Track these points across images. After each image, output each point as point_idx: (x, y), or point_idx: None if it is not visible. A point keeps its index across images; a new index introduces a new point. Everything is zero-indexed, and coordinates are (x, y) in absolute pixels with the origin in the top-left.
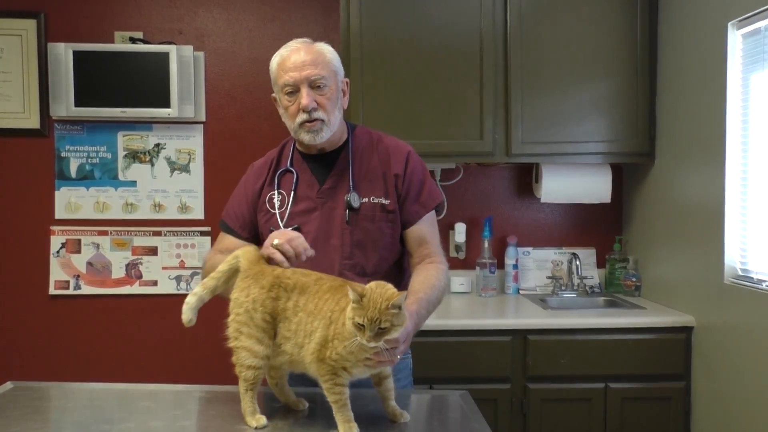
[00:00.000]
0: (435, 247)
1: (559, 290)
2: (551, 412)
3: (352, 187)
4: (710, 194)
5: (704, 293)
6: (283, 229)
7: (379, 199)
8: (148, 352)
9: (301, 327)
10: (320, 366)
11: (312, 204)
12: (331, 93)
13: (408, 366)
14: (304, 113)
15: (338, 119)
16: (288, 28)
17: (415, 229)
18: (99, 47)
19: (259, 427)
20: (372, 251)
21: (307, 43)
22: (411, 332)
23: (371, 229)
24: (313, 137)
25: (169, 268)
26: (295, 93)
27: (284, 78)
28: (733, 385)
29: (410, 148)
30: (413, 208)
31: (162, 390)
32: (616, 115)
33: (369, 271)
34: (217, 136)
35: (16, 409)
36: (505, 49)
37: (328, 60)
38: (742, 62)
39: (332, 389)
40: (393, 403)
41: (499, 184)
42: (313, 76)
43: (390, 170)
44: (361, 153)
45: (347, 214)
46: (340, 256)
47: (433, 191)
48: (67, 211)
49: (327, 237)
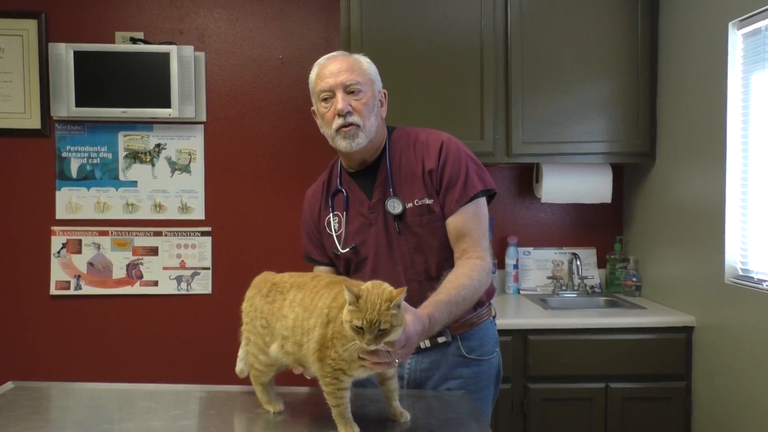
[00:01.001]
0: (475, 240)
1: (559, 290)
2: (552, 412)
3: (393, 193)
4: (711, 194)
5: (705, 293)
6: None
7: (423, 200)
8: (148, 352)
9: (297, 323)
10: (322, 367)
11: (366, 220)
12: (366, 99)
13: (494, 365)
14: (339, 117)
15: (375, 126)
16: (289, 28)
17: (452, 222)
18: (100, 47)
19: (276, 412)
20: (431, 254)
21: (345, 54)
22: (416, 336)
23: (422, 232)
24: (349, 143)
25: (170, 269)
26: (330, 99)
27: (320, 85)
28: (733, 384)
29: (445, 137)
30: (448, 199)
31: (162, 390)
32: (616, 115)
33: (433, 273)
34: (218, 136)
35: (17, 409)
36: (505, 49)
37: (365, 68)
38: (742, 62)
39: (334, 393)
40: (396, 404)
41: (500, 184)
42: (348, 81)
43: (426, 167)
44: (399, 156)
45: (397, 224)
46: (402, 266)
47: (472, 179)
48: (67, 212)
49: (388, 250)
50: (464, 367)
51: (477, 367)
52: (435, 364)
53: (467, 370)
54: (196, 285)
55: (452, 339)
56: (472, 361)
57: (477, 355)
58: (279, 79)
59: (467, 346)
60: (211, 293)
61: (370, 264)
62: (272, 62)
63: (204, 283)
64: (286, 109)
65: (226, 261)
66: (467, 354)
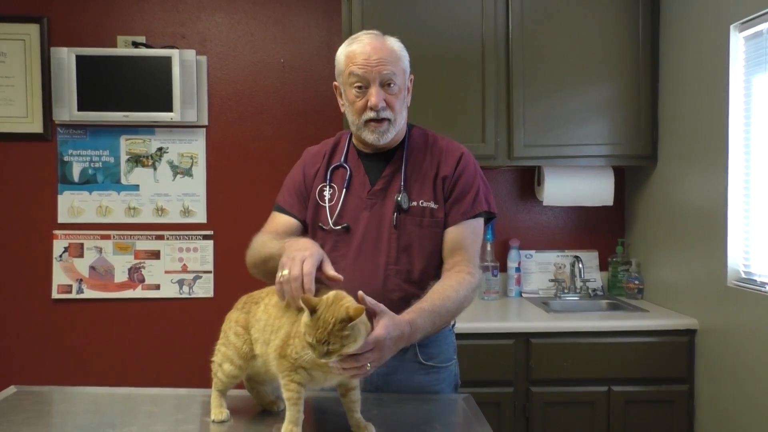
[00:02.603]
0: (469, 256)
1: (561, 293)
2: (554, 416)
3: (404, 188)
4: (713, 197)
5: (707, 296)
6: (303, 245)
7: (428, 203)
8: (150, 356)
9: (269, 323)
10: (281, 362)
11: (362, 204)
12: (400, 92)
13: (452, 373)
14: (372, 111)
15: (404, 119)
16: (290, 32)
17: (452, 232)
18: (102, 51)
19: (217, 421)
20: (419, 257)
21: (379, 37)
22: (391, 341)
23: (418, 234)
24: (378, 138)
25: (172, 272)
26: (364, 88)
27: (353, 69)
28: (736, 387)
29: (464, 150)
30: (454, 209)
31: (164, 394)
32: (618, 117)
33: (415, 277)
34: (220, 139)
35: (19, 413)
36: (506, 52)
37: (399, 57)
38: (744, 65)
39: (288, 386)
40: (358, 416)
41: (502, 187)
42: (385, 72)
43: (440, 173)
44: (416, 154)
45: (395, 218)
46: (385, 261)
47: (481, 198)
48: (69, 215)
49: (375, 240)
50: (423, 374)
51: (436, 374)
52: (392, 370)
53: (426, 377)
54: (198, 288)
55: (410, 346)
56: (430, 368)
57: (436, 362)
58: (281, 83)
59: (425, 353)
60: (213, 297)
61: (353, 248)
62: (274, 66)
63: (206, 286)
64: (288, 112)
65: (228, 264)
66: (425, 361)
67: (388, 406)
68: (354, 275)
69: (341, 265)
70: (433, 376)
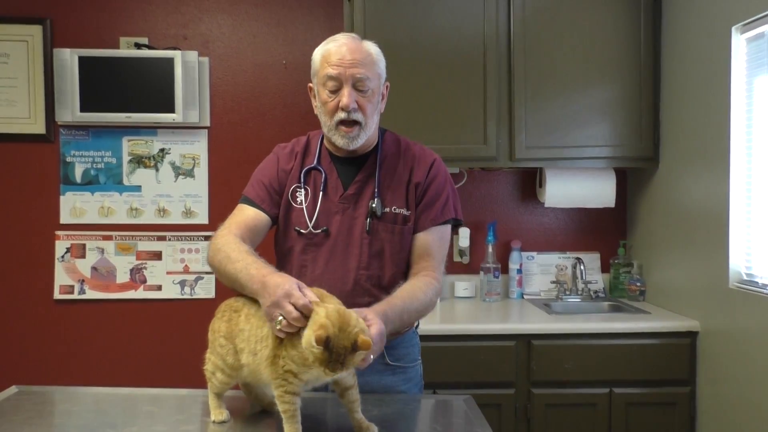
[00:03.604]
0: (436, 262)
1: (563, 295)
2: (555, 418)
3: (378, 194)
4: (714, 198)
5: (709, 298)
6: (276, 283)
7: (401, 209)
8: (152, 357)
9: (253, 332)
10: (273, 370)
11: (333, 208)
12: (372, 96)
13: (418, 373)
14: (343, 112)
15: (375, 124)
16: (292, 34)
17: (420, 238)
18: (104, 53)
19: (217, 421)
20: (390, 263)
21: (356, 40)
22: (384, 331)
23: (390, 240)
24: (348, 143)
25: (174, 273)
26: (336, 90)
27: (327, 70)
28: (738, 390)
29: (436, 157)
30: (423, 215)
31: (166, 394)
32: (619, 119)
33: (385, 283)
34: (222, 141)
35: (20, 413)
36: (508, 54)
37: (374, 61)
38: (746, 66)
39: (282, 397)
40: (359, 416)
41: (503, 189)
42: (359, 75)
43: (413, 179)
44: (389, 160)
45: (368, 223)
46: (356, 266)
47: (450, 205)
48: (72, 216)
49: (345, 245)
50: (390, 375)
51: (402, 374)
52: (359, 371)
53: (393, 378)
54: (200, 289)
55: None
56: (397, 368)
57: (403, 363)
58: (283, 84)
59: (393, 355)
60: (215, 297)
61: (324, 252)
62: (276, 67)
63: (207, 287)
64: (290, 114)
65: None
66: (392, 362)
67: (389, 406)
68: (323, 279)
69: (310, 269)
70: (400, 376)
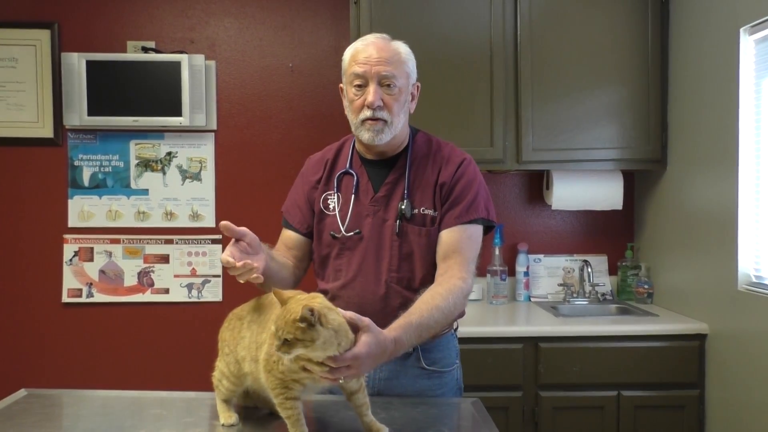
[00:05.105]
0: (463, 260)
1: (570, 297)
2: (563, 421)
3: (407, 195)
4: (723, 200)
5: (717, 300)
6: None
7: (429, 210)
8: (159, 360)
9: (253, 339)
10: (269, 377)
11: (365, 211)
12: (399, 94)
13: (455, 377)
14: (369, 110)
15: (402, 123)
16: (298, 37)
17: (445, 236)
18: (112, 57)
19: (227, 425)
20: (420, 265)
21: (385, 39)
22: (369, 359)
23: (419, 242)
24: (373, 137)
25: (181, 276)
26: (363, 87)
27: (354, 68)
28: (747, 392)
29: (467, 157)
30: (448, 213)
31: (173, 397)
32: (627, 121)
33: (416, 285)
34: (229, 144)
35: (29, 416)
36: (515, 56)
37: (403, 60)
38: (754, 68)
39: (283, 404)
40: (368, 419)
41: (510, 191)
42: (384, 72)
43: (440, 179)
44: (419, 161)
45: (398, 225)
46: (387, 268)
47: (478, 204)
48: (79, 220)
49: (377, 248)
50: (425, 379)
51: (438, 378)
52: (394, 374)
53: (428, 382)
54: (207, 293)
55: (413, 350)
56: (433, 372)
57: (438, 367)
58: (289, 88)
59: (428, 358)
60: (222, 301)
61: (357, 256)
62: (282, 70)
63: (214, 290)
64: (297, 117)
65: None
66: (428, 366)
67: (397, 409)
68: (356, 282)
69: (344, 273)
70: (436, 380)
